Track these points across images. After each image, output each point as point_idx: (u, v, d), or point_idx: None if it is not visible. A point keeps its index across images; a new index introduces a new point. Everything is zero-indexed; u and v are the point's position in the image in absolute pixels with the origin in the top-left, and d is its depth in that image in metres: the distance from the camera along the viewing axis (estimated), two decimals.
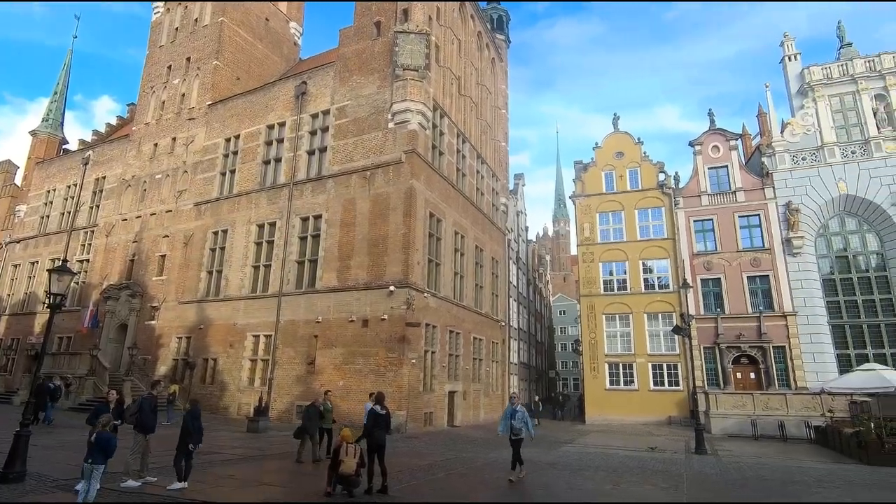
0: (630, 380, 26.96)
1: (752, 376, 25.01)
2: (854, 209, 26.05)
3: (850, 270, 25.90)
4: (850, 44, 28.73)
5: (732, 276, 26.27)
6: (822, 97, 27.34)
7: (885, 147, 25.68)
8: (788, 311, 24.95)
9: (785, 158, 27.04)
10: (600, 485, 10.10)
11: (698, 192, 28.06)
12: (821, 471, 12.62)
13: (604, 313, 28.22)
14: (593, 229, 29.59)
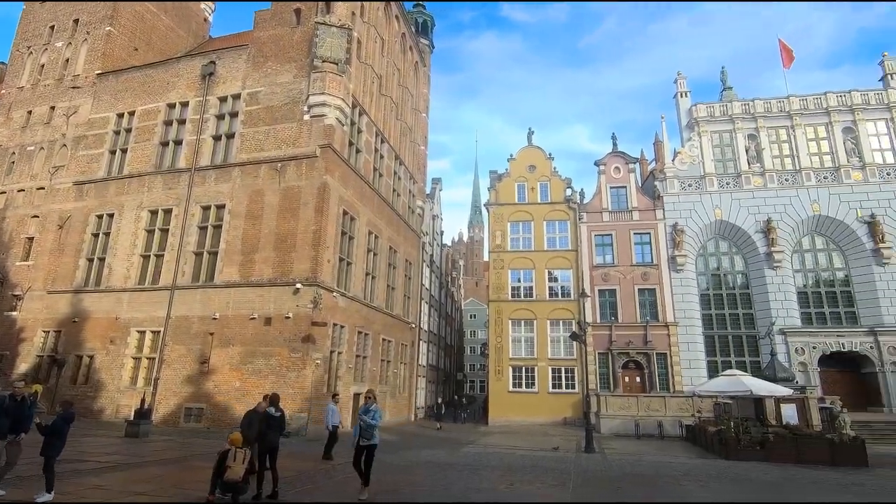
0: (531, 383, 28.21)
1: (638, 380, 27.27)
2: (726, 233, 29.42)
3: (721, 287, 29.19)
4: (731, 88, 32.50)
5: (626, 288, 28.50)
6: (706, 132, 30.64)
7: (753, 181, 29.30)
8: (671, 321, 27.55)
9: (674, 184, 29.90)
10: (496, 484, 10.41)
11: (600, 209, 30.16)
12: (688, 465, 14.03)
13: (510, 318, 29.30)
14: (505, 237, 30.66)
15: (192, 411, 18.39)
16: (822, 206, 28.14)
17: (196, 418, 18.24)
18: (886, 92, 29.43)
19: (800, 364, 26.15)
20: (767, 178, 29.15)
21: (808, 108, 29.95)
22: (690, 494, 9.90)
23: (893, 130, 28.77)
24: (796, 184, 28.82)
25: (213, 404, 18.19)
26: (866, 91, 29.76)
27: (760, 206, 28.67)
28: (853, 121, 29.22)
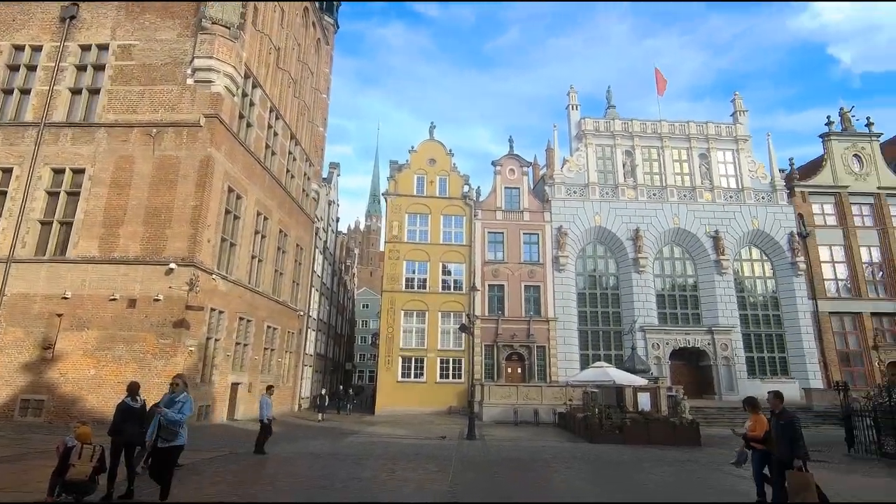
0: (420, 373, 28.62)
1: (520, 371, 28.96)
2: (603, 238, 32.30)
3: (596, 287, 32.00)
4: (614, 106, 35.64)
5: (513, 284, 30.05)
6: (591, 144, 33.31)
7: (627, 193, 32.49)
8: (551, 317, 29.60)
9: (561, 189, 32.11)
10: (377, 472, 10.37)
11: (495, 208, 31.41)
12: (558, 448, 15.19)
13: (403, 309, 29.41)
14: (401, 228, 30.66)
15: (29, 403, 15.89)
16: (680, 220, 32.05)
17: (35, 412, 15.80)
18: (735, 126, 34.30)
19: (655, 357, 29.60)
20: (639, 192, 32.50)
21: (674, 133, 33.88)
22: (558, 474, 10.71)
23: (737, 160, 33.62)
24: (662, 199, 32.49)
25: (58, 395, 15.87)
26: (719, 124, 34.42)
27: (632, 216, 31.87)
28: (707, 148, 33.63)
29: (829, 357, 30.03)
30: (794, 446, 6.67)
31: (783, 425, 6.91)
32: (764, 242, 32.27)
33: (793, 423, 6.84)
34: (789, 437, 6.75)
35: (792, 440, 6.72)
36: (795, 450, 6.63)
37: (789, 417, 6.95)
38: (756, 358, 30.72)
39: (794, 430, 6.77)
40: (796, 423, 6.86)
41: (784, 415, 7.01)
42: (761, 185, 32.89)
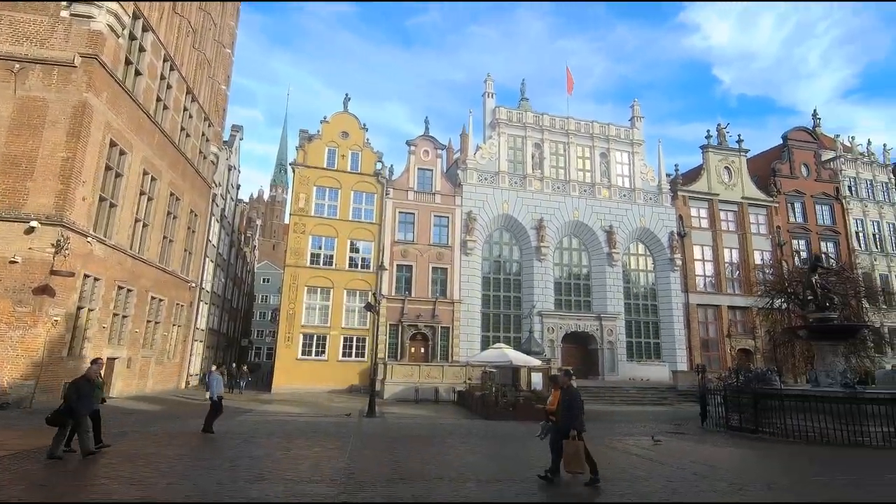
0: (322, 351, 27.94)
1: (423, 351, 29.38)
2: (510, 226, 33.55)
3: (500, 272, 33.25)
4: (527, 99, 36.83)
5: (422, 265, 30.24)
6: (504, 134, 34.24)
7: (534, 184, 33.95)
8: (456, 299, 30.30)
9: (473, 175, 32.73)
10: (272, 450, 9.98)
11: (407, 188, 31.23)
12: (455, 425, 15.70)
13: (307, 285, 28.40)
14: (309, 201, 29.42)
15: None
16: (580, 214, 34.20)
17: None
18: (632, 131, 37.10)
19: (549, 340, 31.57)
20: (545, 184, 34.10)
21: (580, 131, 35.87)
22: (454, 449, 11.06)
23: (632, 162, 36.49)
24: (565, 192, 34.39)
25: None
26: (619, 127, 37.03)
27: (537, 206, 33.41)
28: (608, 148, 36.10)
29: (693, 343, 34.07)
30: (571, 418, 7.53)
31: (566, 400, 7.78)
32: (649, 239, 35.53)
33: (572, 398, 7.71)
34: (567, 410, 7.61)
35: (570, 413, 7.58)
36: (572, 420, 7.50)
37: (571, 393, 7.82)
38: (635, 343, 33.97)
39: (572, 404, 7.64)
40: (576, 398, 7.73)
41: (567, 391, 7.89)
42: (650, 187, 36.06)
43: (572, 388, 8.03)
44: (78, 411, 8.30)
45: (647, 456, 10.71)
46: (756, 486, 8.17)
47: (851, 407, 13.11)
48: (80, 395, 8.46)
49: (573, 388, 8.04)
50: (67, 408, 8.28)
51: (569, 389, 7.99)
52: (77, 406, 8.30)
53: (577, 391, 8.07)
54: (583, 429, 7.63)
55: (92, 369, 9.19)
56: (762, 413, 14.72)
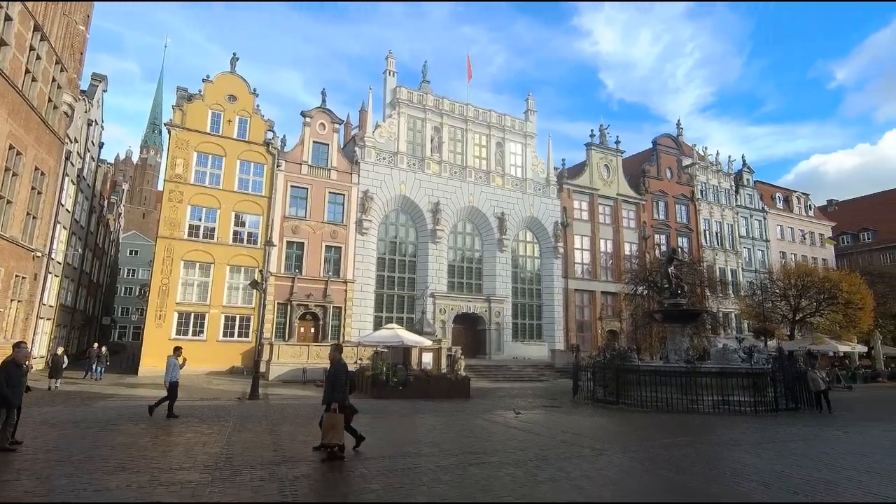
0: (200, 330, 25.87)
1: (313, 330, 28.53)
2: (406, 208, 33.60)
3: (395, 253, 33.25)
4: (428, 81, 36.54)
5: (314, 243, 29.18)
6: (404, 114, 33.99)
7: (432, 167, 34.28)
8: (350, 279, 29.77)
9: (372, 154, 32.13)
10: (137, 438, 9.10)
11: (300, 161, 29.77)
12: None
13: (183, 259, 25.98)
14: (188, 167, 26.78)
15: None
16: (475, 200, 35.28)
17: None
18: (526, 123, 38.90)
19: (441, 321, 32.41)
20: (443, 168, 34.58)
21: (478, 119, 36.81)
22: None
23: (525, 154, 38.34)
24: (461, 177, 35.19)
25: None
26: (514, 118, 38.63)
27: (434, 189, 33.82)
28: (503, 138, 37.54)
29: (570, 325, 37.17)
30: (332, 391, 7.87)
31: (331, 374, 8.14)
32: (536, 227, 37.81)
33: (336, 373, 7.98)
34: (331, 384, 7.98)
35: (332, 386, 7.91)
36: (333, 394, 7.83)
37: (336, 368, 8.07)
38: (520, 324, 36.18)
39: (334, 378, 7.96)
40: (340, 373, 7.98)
41: (333, 366, 8.14)
42: (539, 178, 38.24)
43: (339, 363, 8.14)
44: (11, 400, 7.57)
45: (524, 428, 11.54)
46: (613, 448, 9.22)
47: (690, 379, 15.30)
48: (10, 381, 7.60)
49: (340, 363, 8.15)
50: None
51: (335, 365, 8.12)
52: (8, 394, 7.53)
53: (344, 366, 8.18)
54: (344, 402, 7.89)
55: (21, 353, 8.02)
56: (623, 386, 16.59)
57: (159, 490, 5.90)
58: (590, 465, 7.77)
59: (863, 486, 6.84)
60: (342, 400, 7.82)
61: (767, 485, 6.76)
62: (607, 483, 6.80)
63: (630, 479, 7.25)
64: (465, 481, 6.66)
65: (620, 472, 7.51)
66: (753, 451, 9.28)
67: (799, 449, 9.62)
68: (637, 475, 7.47)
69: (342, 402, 7.83)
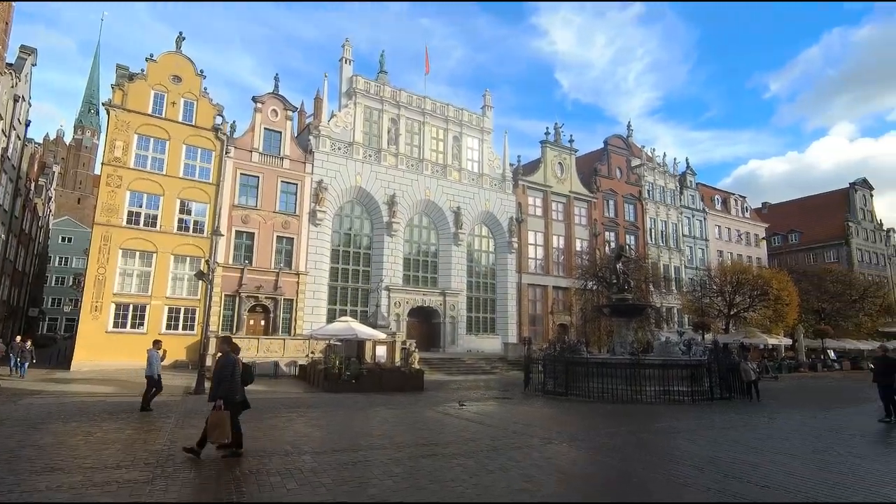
0: (140, 323, 24.58)
1: (263, 323, 27.73)
2: (362, 199, 33.15)
3: (350, 245, 32.76)
4: (386, 72, 36.10)
5: (265, 233, 28.30)
6: (361, 104, 33.42)
7: (389, 159, 33.93)
8: (302, 270, 29.10)
9: (326, 143, 31.43)
10: (68, 437, 8.58)
11: (251, 148, 28.73)
12: (295, 398, 15.27)
13: (122, 248, 24.57)
14: (128, 150, 25.27)
15: None
16: (431, 193, 35.24)
17: None
18: (483, 119, 39.16)
19: (395, 314, 32.26)
20: (399, 160, 34.31)
21: (436, 112, 36.71)
22: (292, 422, 10.75)
23: (482, 149, 38.63)
24: (418, 170, 35.05)
25: None
26: (471, 113, 38.79)
27: (390, 182, 33.53)
28: (460, 132, 37.64)
29: (523, 318, 37.92)
30: (218, 386, 7.14)
31: (217, 369, 7.33)
32: (491, 222, 38.24)
33: (223, 367, 7.21)
34: (217, 378, 7.22)
35: (218, 381, 7.18)
36: (215, 390, 7.14)
37: (222, 362, 7.30)
38: (474, 317, 36.56)
39: (221, 373, 7.20)
40: (226, 367, 7.20)
41: (221, 359, 7.38)
42: (496, 174, 38.66)
43: (228, 356, 7.40)
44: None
45: (476, 419, 11.71)
46: (561, 437, 9.52)
47: (635, 371, 16.00)
48: None
49: (229, 356, 7.40)
50: None
51: (222, 357, 7.43)
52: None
53: (233, 359, 7.37)
54: (231, 398, 7.17)
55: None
56: (572, 378, 17.13)
57: (93, 491, 5.58)
58: (539, 454, 7.98)
59: (783, 467, 7.39)
60: (228, 396, 7.11)
61: (700, 469, 7.18)
62: (555, 471, 7.01)
63: (576, 466, 7.51)
64: (417, 473, 6.69)
65: (567, 461, 7.77)
66: (690, 438, 9.84)
67: (730, 435, 10.28)
68: (583, 463, 7.75)
69: (232, 398, 7.14)
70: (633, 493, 6.19)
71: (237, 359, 7.52)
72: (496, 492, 5.91)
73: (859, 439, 9.86)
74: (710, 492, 6.03)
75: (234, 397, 7.26)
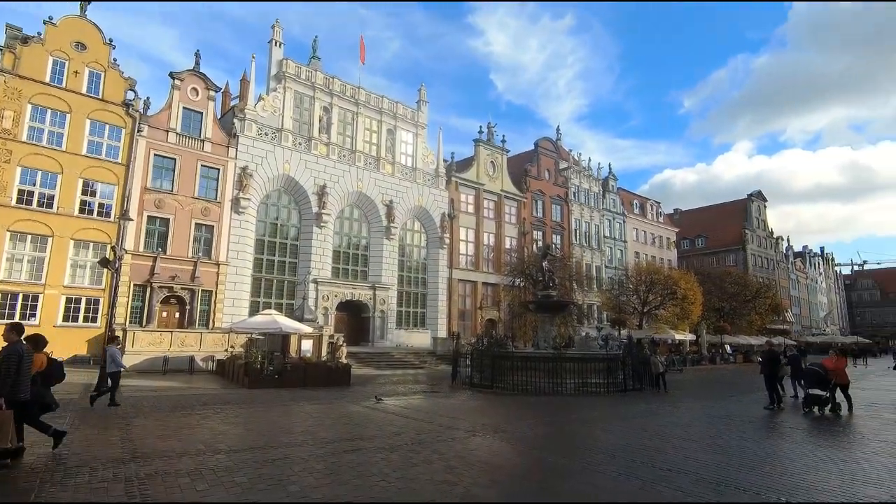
0: (31, 314, 22.05)
1: (177, 315, 25.93)
2: (290, 188, 31.91)
3: (276, 236, 31.44)
4: (319, 58, 34.74)
5: (182, 220, 26.44)
6: (290, 89, 32.09)
7: (320, 149, 32.91)
8: (223, 260, 27.53)
9: (252, 127, 29.89)
10: None
11: (167, 128, 26.70)
12: (212, 395, 14.42)
13: (10, 230, 21.92)
14: (19, 121, 22.55)
15: None
16: (363, 185, 34.62)
17: None
18: (418, 113, 39.03)
19: (323, 308, 31.42)
20: (331, 150, 33.37)
21: (370, 103, 36.06)
22: (207, 420, 10.13)
23: (416, 143, 38.51)
24: (350, 161, 34.28)
25: None
26: (406, 107, 38.51)
27: (321, 172, 32.53)
28: (395, 125, 37.27)
29: (453, 313, 38.36)
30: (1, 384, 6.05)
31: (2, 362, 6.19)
32: (424, 217, 38.28)
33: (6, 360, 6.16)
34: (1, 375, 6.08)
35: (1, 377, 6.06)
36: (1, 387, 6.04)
37: (3, 354, 6.24)
38: (404, 312, 36.46)
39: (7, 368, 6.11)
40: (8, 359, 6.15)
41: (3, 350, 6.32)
42: (429, 169, 38.72)
43: (14, 346, 6.31)
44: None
45: (402, 413, 11.67)
46: (485, 429, 9.72)
47: (556, 364, 16.70)
48: None
49: (15, 346, 6.31)
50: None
51: (6, 348, 6.32)
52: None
53: (19, 350, 6.29)
54: (17, 398, 6.18)
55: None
56: (498, 372, 17.56)
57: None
58: (462, 446, 8.09)
59: (684, 452, 8.02)
60: (9, 394, 6.06)
61: (613, 455, 7.61)
62: (477, 461, 7.14)
63: (498, 457, 7.69)
64: (340, 468, 6.54)
65: (490, 452, 7.93)
66: (604, 427, 10.42)
67: (640, 423, 11.00)
68: (505, 453, 7.96)
69: (9, 396, 6.07)
70: (549, 479, 6.43)
71: (26, 349, 6.45)
72: (419, 484, 5.90)
73: (747, 425, 10.92)
74: (620, 477, 6.40)
75: (18, 396, 6.18)
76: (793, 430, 10.62)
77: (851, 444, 9.13)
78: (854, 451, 8.44)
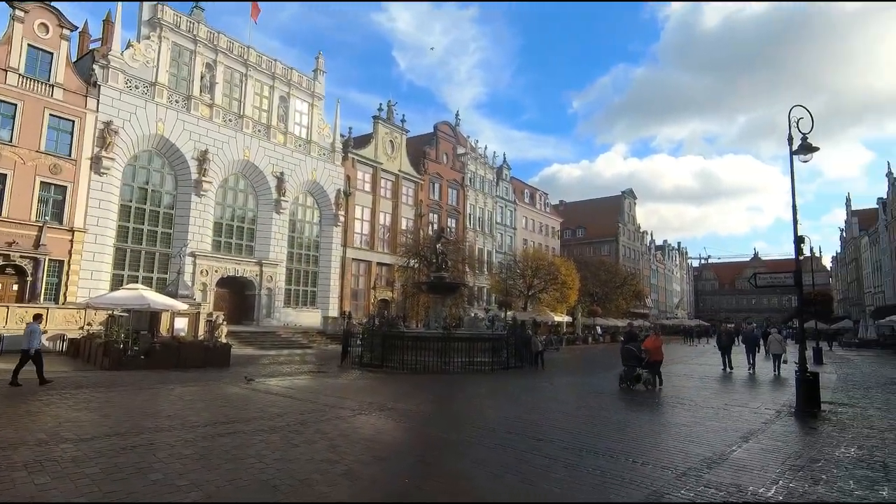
0: None
1: (16, 288, 22.25)
2: (164, 151, 28.68)
3: (146, 202, 28.16)
4: (203, 9, 31.12)
5: (23, 177, 22.55)
6: (167, 39, 28.61)
7: (201, 110, 29.91)
8: (79, 227, 24.07)
9: (119, 78, 26.25)
10: None
11: (6, 66, 22.46)
12: (59, 377, 12.62)
13: None
14: None
15: None
16: (251, 154, 32.25)
17: None
18: (314, 83, 37.08)
19: (202, 284, 28.96)
20: (214, 112, 30.50)
21: (261, 66, 33.44)
22: (53, 406, 8.88)
23: (311, 114, 36.64)
24: (237, 127, 31.65)
25: None
26: (302, 74, 36.36)
27: (202, 135, 29.63)
28: (288, 93, 35.04)
29: (345, 292, 37.58)
30: None
31: None
32: (318, 193, 36.77)
33: None
34: None
35: None
36: None
37: None
38: (294, 290, 34.93)
39: None
40: None
41: None
42: (325, 143, 37.17)
43: None
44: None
45: (286, 394, 11.25)
46: (371, 408, 9.73)
47: (445, 344, 17.19)
48: None
49: None
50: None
51: None
52: None
53: None
54: None
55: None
56: (389, 351, 17.61)
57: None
58: (347, 425, 8.02)
59: (555, 423, 8.76)
60: None
61: (492, 429, 8.06)
62: (361, 439, 7.12)
63: (383, 433, 7.75)
64: (212, 453, 6.12)
65: (375, 430, 7.96)
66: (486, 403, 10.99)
67: (519, 398, 11.78)
68: (389, 430, 8.04)
69: None
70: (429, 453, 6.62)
71: None
72: (299, 464, 5.74)
73: (608, 397, 12.20)
74: (496, 448, 6.79)
75: None
76: (642, 400, 12.08)
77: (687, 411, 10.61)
78: (685, 416, 9.83)
